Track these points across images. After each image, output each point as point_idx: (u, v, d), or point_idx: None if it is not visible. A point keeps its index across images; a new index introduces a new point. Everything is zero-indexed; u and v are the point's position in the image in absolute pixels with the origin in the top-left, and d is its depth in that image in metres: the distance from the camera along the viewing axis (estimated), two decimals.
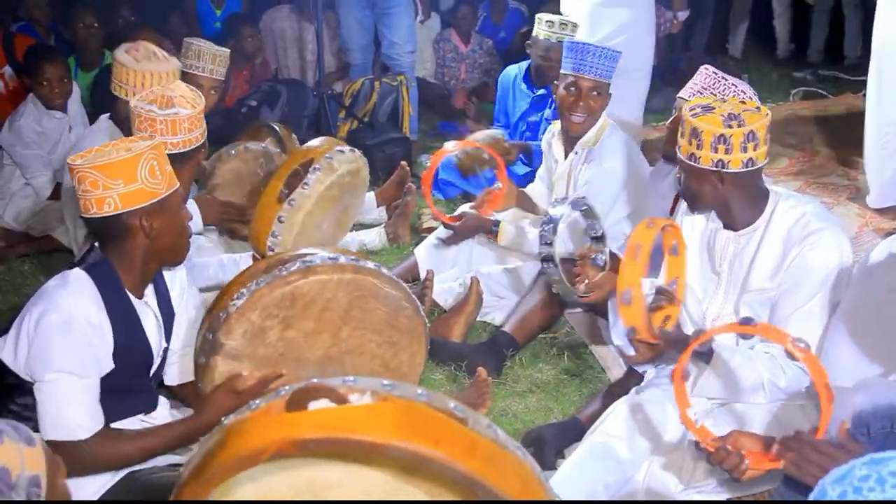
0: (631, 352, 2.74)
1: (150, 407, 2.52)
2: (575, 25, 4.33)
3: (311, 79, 6.05)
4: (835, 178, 4.91)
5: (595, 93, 3.49)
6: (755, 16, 7.34)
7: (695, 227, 2.75)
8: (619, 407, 2.64)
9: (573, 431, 2.76)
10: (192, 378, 2.55)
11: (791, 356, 2.33)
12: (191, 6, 7.06)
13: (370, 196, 4.42)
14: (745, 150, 2.47)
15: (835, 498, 1.32)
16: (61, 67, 4.52)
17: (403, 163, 4.48)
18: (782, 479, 2.14)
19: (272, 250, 3.28)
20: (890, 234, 3.30)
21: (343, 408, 1.53)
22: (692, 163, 2.53)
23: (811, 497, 1.35)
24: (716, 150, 2.48)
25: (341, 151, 3.47)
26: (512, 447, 1.57)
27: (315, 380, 1.62)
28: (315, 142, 3.62)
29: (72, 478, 2.15)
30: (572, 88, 3.50)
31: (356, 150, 3.58)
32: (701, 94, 3.12)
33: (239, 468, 1.52)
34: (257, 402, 1.67)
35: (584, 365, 3.32)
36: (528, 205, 3.93)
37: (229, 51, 4.27)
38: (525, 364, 3.32)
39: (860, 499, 1.30)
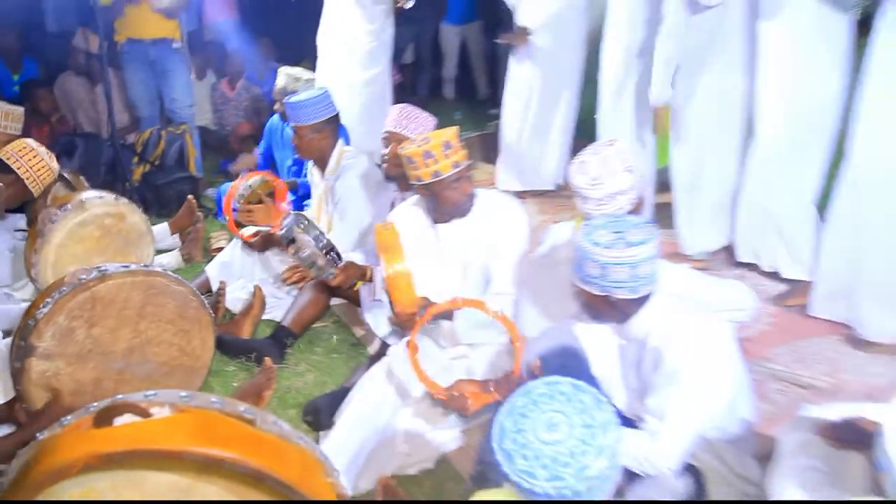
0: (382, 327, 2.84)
1: None
2: (309, 80, 4.30)
3: (106, 132, 5.71)
4: None
5: (297, 136, 3.52)
6: (461, 70, 7.66)
7: (413, 224, 2.81)
8: (376, 372, 2.70)
9: (343, 398, 2.77)
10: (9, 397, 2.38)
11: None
12: None
13: (164, 226, 4.26)
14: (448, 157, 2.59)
15: (510, 427, 1.44)
16: None
17: (190, 197, 4.34)
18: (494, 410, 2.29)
19: (35, 280, 3.12)
20: (556, 221, 3.54)
21: (145, 421, 1.47)
22: (437, 178, 2.60)
23: (493, 433, 1.47)
24: (448, 157, 2.58)
25: (100, 197, 3.27)
26: (295, 438, 1.57)
27: (119, 396, 1.55)
28: (85, 192, 3.40)
29: None
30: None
31: (123, 199, 3.39)
32: (395, 122, 3.20)
33: (51, 482, 1.42)
34: (69, 418, 1.57)
35: (349, 344, 3.36)
36: None
37: (22, 109, 3.97)
38: (303, 349, 3.32)
39: (527, 421, 1.43)
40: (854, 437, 1.77)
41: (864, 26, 3.09)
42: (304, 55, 5.53)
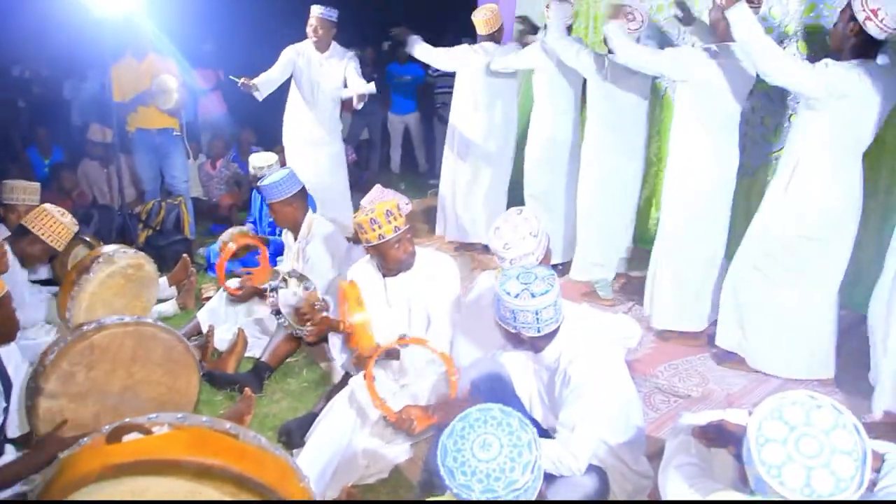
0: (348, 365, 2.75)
1: None
2: (272, 165, 4.21)
3: (117, 203, 5.56)
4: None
5: (273, 210, 3.40)
6: (405, 147, 7.71)
7: (367, 277, 2.76)
8: (340, 398, 2.60)
9: (312, 421, 2.65)
10: (27, 430, 2.22)
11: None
12: (24, 158, 6.25)
13: (164, 280, 4.10)
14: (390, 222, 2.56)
15: (451, 447, 1.39)
16: None
17: (185, 255, 4.21)
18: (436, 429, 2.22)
19: (69, 321, 3.01)
20: (483, 270, 3.54)
21: (148, 437, 1.44)
22: (383, 240, 2.56)
23: (437, 452, 1.41)
24: (390, 223, 2.55)
25: (124, 252, 3.22)
26: (271, 449, 1.54)
27: (128, 419, 1.50)
28: (110, 246, 3.32)
29: None
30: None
31: (140, 252, 3.34)
32: (371, 198, 3.17)
33: (74, 489, 1.38)
34: (85, 439, 1.52)
35: (317, 376, 3.24)
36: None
37: (38, 185, 3.89)
38: (278, 380, 3.19)
39: (465, 442, 1.39)
40: (719, 436, 1.77)
41: None
42: (279, 140, 5.50)
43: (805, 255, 2.82)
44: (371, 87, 4.47)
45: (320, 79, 4.71)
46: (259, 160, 4.27)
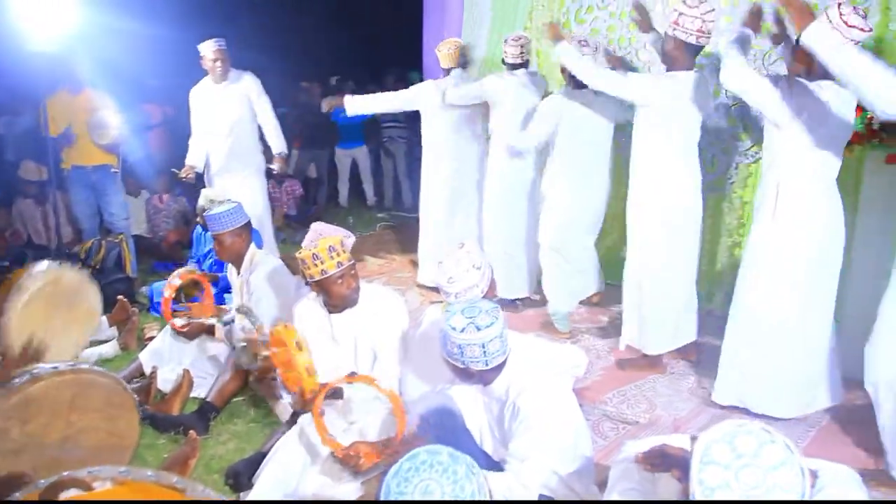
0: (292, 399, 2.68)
1: None
2: (223, 202, 4.16)
3: (53, 243, 5.36)
4: (405, 275, 5.14)
5: (218, 242, 3.36)
6: (352, 181, 7.72)
7: (312, 314, 2.73)
8: (288, 438, 2.54)
9: (260, 461, 2.57)
10: None
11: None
12: None
13: (104, 320, 3.97)
14: (332, 257, 2.55)
15: (394, 488, 1.36)
16: None
17: (120, 297, 4.06)
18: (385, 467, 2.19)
19: (2, 356, 2.76)
20: (432, 303, 3.54)
21: (88, 494, 1.34)
22: (325, 275, 2.54)
23: (381, 491, 1.39)
24: (332, 258, 2.53)
25: (29, 275, 2.93)
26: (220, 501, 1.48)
27: (66, 473, 1.40)
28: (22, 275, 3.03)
29: None
30: None
31: (52, 263, 3.07)
32: (310, 240, 3.16)
33: None
34: (17, 494, 1.41)
35: (264, 415, 3.15)
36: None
37: None
38: (225, 421, 3.09)
39: (408, 485, 1.36)
40: (663, 461, 1.81)
41: None
42: None
43: (805, 279, 2.76)
44: (283, 149, 4.90)
45: (223, 108, 4.77)
46: (210, 193, 4.21)
